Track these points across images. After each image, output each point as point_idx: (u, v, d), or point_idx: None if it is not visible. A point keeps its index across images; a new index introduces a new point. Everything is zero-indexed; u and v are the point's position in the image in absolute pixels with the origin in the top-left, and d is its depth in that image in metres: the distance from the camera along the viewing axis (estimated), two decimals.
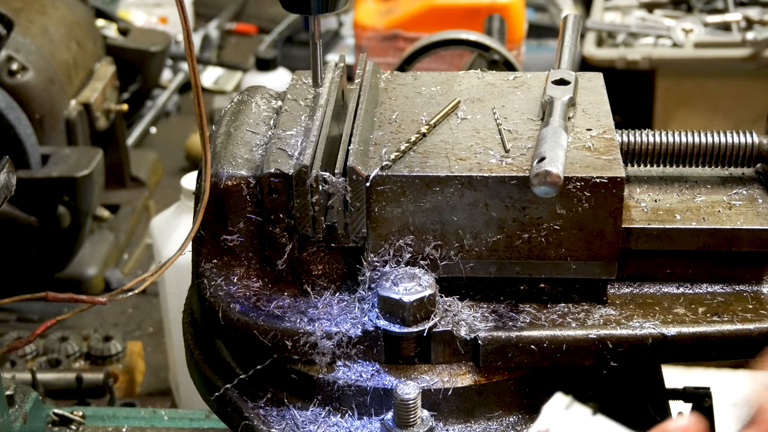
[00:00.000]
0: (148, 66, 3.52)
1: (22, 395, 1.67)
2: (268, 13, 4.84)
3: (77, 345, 2.47)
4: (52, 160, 2.74)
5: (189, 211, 2.14)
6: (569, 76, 1.43)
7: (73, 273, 2.92)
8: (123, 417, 1.87)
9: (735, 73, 3.46)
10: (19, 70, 2.81)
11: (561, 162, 1.23)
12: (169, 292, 2.30)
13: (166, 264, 1.36)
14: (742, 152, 1.39)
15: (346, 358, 1.29)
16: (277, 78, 3.77)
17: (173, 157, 3.69)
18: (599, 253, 1.29)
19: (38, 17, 3.01)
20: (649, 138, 1.40)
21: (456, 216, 1.28)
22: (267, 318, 1.29)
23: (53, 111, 2.90)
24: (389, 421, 1.21)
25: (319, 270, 1.36)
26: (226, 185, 1.32)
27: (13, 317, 2.81)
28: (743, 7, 3.70)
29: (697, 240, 1.32)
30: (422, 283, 1.26)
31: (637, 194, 1.38)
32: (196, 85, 1.31)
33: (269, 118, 1.45)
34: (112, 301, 1.39)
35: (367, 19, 3.52)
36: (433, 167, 1.28)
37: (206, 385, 1.37)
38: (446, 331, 1.27)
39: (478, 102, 1.45)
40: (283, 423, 1.28)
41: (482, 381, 1.28)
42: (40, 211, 2.72)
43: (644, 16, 3.75)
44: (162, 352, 2.70)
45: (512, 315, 1.30)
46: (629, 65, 3.47)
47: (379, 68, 1.53)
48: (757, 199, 1.37)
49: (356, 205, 1.28)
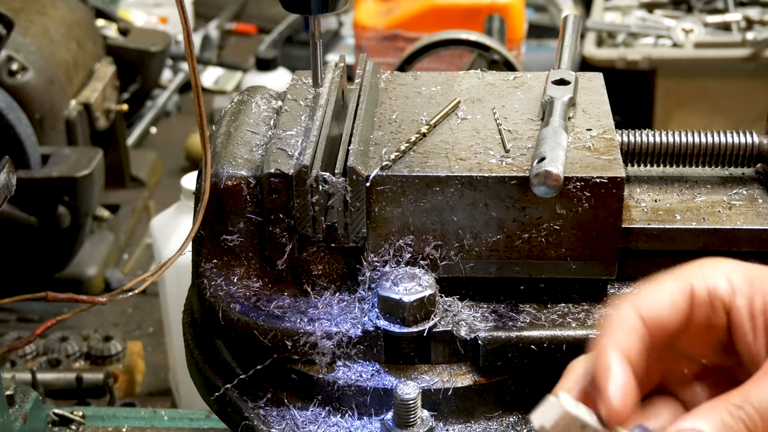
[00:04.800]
0: (148, 66, 3.52)
1: (22, 395, 1.67)
2: (268, 13, 4.84)
3: (77, 345, 2.47)
4: (52, 160, 2.74)
5: (189, 211, 2.14)
6: (569, 76, 1.43)
7: (73, 273, 2.92)
8: (123, 417, 1.87)
9: (735, 73, 3.46)
10: (19, 70, 2.82)
11: (561, 162, 1.23)
12: (169, 292, 2.30)
13: (166, 264, 1.36)
14: (742, 152, 1.39)
15: (346, 358, 1.29)
16: (277, 78, 3.78)
17: (173, 157, 3.69)
18: (599, 253, 1.29)
19: (38, 17, 3.01)
20: (649, 138, 1.40)
21: (456, 216, 1.28)
22: (267, 318, 1.29)
23: (53, 111, 2.90)
24: (389, 421, 1.21)
25: (319, 270, 1.36)
26: (226, 185, 1.32)
27: (13, 317, 2.81)
28: (743, 7, 3.70)
29: (697, 240, 1.32)
30: (422, 283, 1.26)
31: (637, 194, 1.38)
32: (196, 85, 1.31)
33: (269, 118, 1.45)
34: (112, 301, 1.39)
35: (367, 19, 3.52)
36: (433, 167, 1.28)
37: (206, 385, 1.37)
38: (446, 331, 1.27)
39: (478, 102, 1.45)
40: (283, 423, 1.28)
41: (482, 381, 1.28)
42: (40, 211, 2.72)
43: (644, 16, 3.75)
44: (162, 352, 2.70)
45: (512, 315, 1.30)
46: (629, 65, 3.47)
47: (379, 68, 1.53)
48: (757, 199, 1.37)
49: (356, 205, 1.28)
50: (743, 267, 0.98)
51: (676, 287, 0.97)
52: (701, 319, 0.97)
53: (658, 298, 0.96)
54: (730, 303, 0.96)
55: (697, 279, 0.97)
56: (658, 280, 0.98)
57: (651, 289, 0.97)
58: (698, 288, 0.96)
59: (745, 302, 0.95)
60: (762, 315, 0.95)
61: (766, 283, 0.96)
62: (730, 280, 0.96)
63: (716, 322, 0.97)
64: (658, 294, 0.97)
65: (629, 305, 0.96)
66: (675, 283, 0.97)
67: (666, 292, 0.97)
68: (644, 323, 0.95)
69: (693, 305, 0.96)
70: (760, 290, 0.95)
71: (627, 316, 0.95)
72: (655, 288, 0.97)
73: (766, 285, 0.96)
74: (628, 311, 0.95)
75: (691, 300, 0.96)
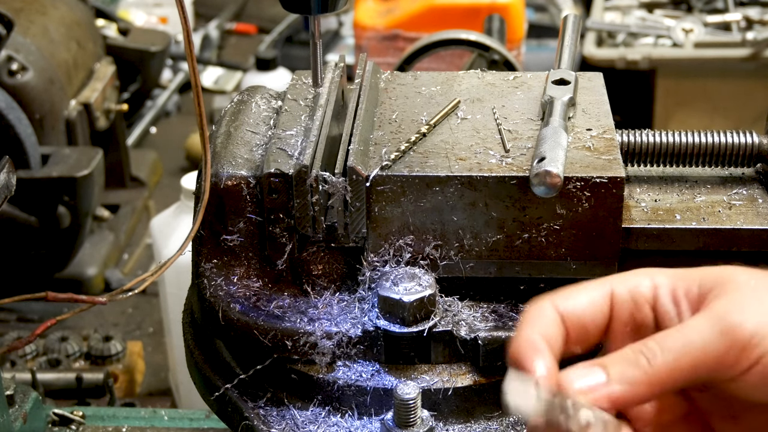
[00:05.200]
0: (148, 66, 3.52)
1: (22, 395, 1.67)
2: (268, 13, 4.84)
3: (77, 345, 2.47)
4: (52, 160, 2.74)
5: (189, 211, 2.14)
6: (569, 76, 1.43)
7: (73, 273, 2.92)
8: (123, 417, 1.87)
9: (735, 73, 3.46)
10: (19, 70, 2.82)
11: (561, 162, 1.23)
12: (169, 292, 2.30)
13: (166, 264, 1.36)
14: (742, 152, 1.39)
15: (346, 358, 1.29)
16: (277, 78, 3.78)
17: (173, 157, 3.69)
18: (599, 253, 1.29)
19: (38, 17, 3.01)
20: (649, 138, 1.40)
21: (456, 216, 1.28)
22: (267, 318, 1.29)
23: (53, 111, 2.90)
24: (389, 421, 1.21)
25: (319, 270, 1.36)
26: (226, 185, 1.32)
27: (13, 317, 2.81)
28: (743, 7, 3.70)
29: (697, 240, 1.32)
30: (422, 283, 1.26)
31: (637, 194, 1.38)
32: (196, 85, 1.31)
33: (269, 118, 1.45)
34: (112, 301, 1.39)
35: (367, 19, 3.52)
36: (433, 167, 1.28)
37: (206, 385, 1.37)
38: (446, 331, 1.27)
39: (478, 102, 1.45)
40: (283, 423, 1.28)
41: (482, 381, 1.28)
42: (40, 211, 2.72)
43: (644, 16, 3.75)
44: (162, 352, 2.70)
45: (512, 315, 1.30)
46: (629, 65, 3.47)
47: (379, 68, 1.53)
48: (757, 199, 1.37)
49: (356, 205, 1.28)
50: (668, 269, 0.99)
51: (594, 288, 0.98)
52: (625, 317, 0.97)
53: (576, 297, 0.98)
54: (653, 297, 0.97)
55: (618, 281, 0.98)
56: (582, 284, 0.99)
57: (570, 289, 0.99)
58: (618, 289, 0.98)
59: (667, 291, 0.97)
60: (685, 298, 0.96)
61: (688, 275, 0.97)
62: (652, 279, 0.98)
63: (643, 319, 0.97)
64: (576, 293, 0.98)
65: (547, 301, 0.97)
66: (594, 285, 0.99)
67: (584, 291, 0.98)
68: (562, 318, 0.96)
69: (614, 304, 0.97)
70: (681, 280, 0.97)
71: (545, 308, 0.96)
72: (574, 289, 0.99)
73: (688, 276, 0.97)
74: (547, 305, 0.97)
75: (611, 300, 0.98)
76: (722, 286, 0.94)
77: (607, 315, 0.98)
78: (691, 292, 0.96)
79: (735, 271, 0.96)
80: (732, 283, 0.94)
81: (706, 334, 0.90)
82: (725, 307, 0.92)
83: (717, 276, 0.96)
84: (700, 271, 0.97)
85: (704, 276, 0.96)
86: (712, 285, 0.95)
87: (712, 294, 0.94)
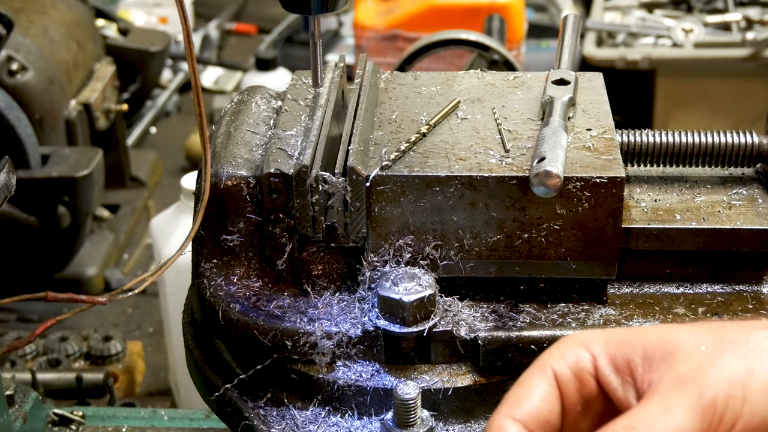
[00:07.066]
0: (148, 66, 3.52)
1: (22, 395, 1.67)
2: (268, 13, 4.84)
3: (77, 345, 2.47)
4: (52, 160, 2.74)
5: (189, 211, 2.14)
6: (569, 76, 1.43)
7: (73, 273, 2.92)
8: (123, 417, 1.87)
9: (735, 73, 3.46)
10: (19, 70, 2.82)
11: (561, 162, 1.23)
12: (169, 292, 2.30)
13: (166, 264, 1.36)
14: (742, 152, 1.39)
15: (346, 358, 1.29)
16: (277, 78, 3.78)
17: (173, 157, 3.69)
18: (599, 253, 1.29)
19: (38, 17, 3.02)
20: (649, 138, 1.40)
21: (456, 216, 1.28)
22: (267, 318, 1.29)
23: (53, 111, 2.90)
24: (389, 421, 1.21)
25: (319, 270, 1.36)
26: (226, 185, 1.32)
27: (13, 317, 2.81)
28: (743, 7, 3.70)
29: (697, 240, 1.32)
30: (422, 283, 1.26)
31: (637, 194, 1.38)
32: (196, 85, 1.31)
33: (269, 118, 1.45)
34: (112, 301, 1.39)
35: (367, 19, 3.52)
36: (433, 167, 1.28)
37: (206, 385, 1.37)
38: (446, 331, 1.27)
39: (478, 102, 1.45)
40: (283, 423, 1.28)
41: (482, 381, 1.28)
42: (40, 211, 2.72)
43: (644, 16, 3.76)
44: (162, 352, 2.70)
45: (512, 315, 1.30)
46: (629, 65, 3.48)
47: (379, 68, 1.53)
48: (757, 199, 1.37)
49: (356, 205, 1.28)
50: (599, 332, 0.98)
51: (539, 380, 0.96)
52: (574, 397, 0.96)
53: (527, 399, 0.96)
54: (594, 369, 0.96)
55: (556, 362, 0.97)
56: (520, 379, 0.97)
57: (517, 392, 0.97)
58: (560, 370, 0.96)
59: (606, 362, 0.96)
60: (627, 368, 0.95)
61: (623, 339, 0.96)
62: (589, 349, 0.97)
63: (590, 393, 0.96)
64: (526, 395, 0.96)
65: (503, 417, 0.95)
66: (536, 376, 0.97)
67: (532, 389, 0.96)
68: (526, 427, 0.94)
69: (561, 388, 0.96)
70: (619, 348, 0.96)
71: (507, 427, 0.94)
72: (521, 389, 0.97)
73: (626, 342, 0.96)
74: (507, 423, 0.94)
75: (558, 384, 0.96)
76: (672, 355, 0.93)
77: (560, 400, 0.96)
78: (634, 361, 0.95)
79: (679, 336, 0.94)
80: (682, 353, 0.93)
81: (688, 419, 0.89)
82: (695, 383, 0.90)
83: (662, 343, 0.94)
84: (639, 335, 0.96)
85: (647, 343, 0.95)
86: (660, 354, 0.94)
87: (663, 365, 0.93)
